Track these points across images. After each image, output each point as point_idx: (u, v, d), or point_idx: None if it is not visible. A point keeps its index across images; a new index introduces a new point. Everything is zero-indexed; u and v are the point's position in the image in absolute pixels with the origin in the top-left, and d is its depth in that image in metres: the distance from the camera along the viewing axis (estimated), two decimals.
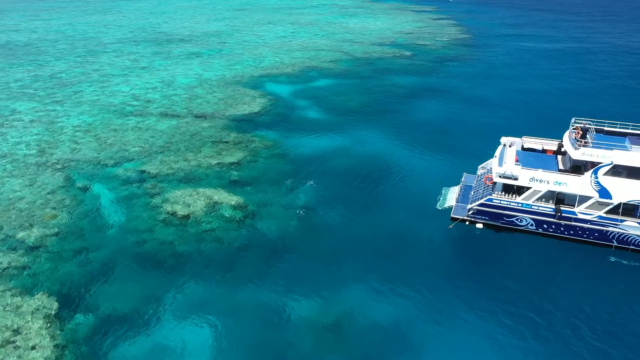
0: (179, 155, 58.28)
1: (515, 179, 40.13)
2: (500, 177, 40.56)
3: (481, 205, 41.24)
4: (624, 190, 37.67)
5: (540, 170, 40.16)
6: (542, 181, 39.46)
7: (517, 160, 42.01)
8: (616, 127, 43.32)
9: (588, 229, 39.01)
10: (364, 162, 58.42)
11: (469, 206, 41.85)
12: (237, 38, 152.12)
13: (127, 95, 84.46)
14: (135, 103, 79.61)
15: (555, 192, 39.46)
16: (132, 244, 41.56)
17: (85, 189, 50.05)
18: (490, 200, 40.95)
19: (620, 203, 37.86)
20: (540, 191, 39.62)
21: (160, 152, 59.15)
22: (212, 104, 79.34)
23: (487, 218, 41.64)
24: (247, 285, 37.29)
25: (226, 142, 63.19)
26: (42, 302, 33.89)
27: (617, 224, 38.16)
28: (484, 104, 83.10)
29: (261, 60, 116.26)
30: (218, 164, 56.32)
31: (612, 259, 38.49)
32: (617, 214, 38.11)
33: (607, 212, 38.32)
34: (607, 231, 38.60)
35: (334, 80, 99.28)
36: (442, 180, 51.96)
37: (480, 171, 49.96)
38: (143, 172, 53.86)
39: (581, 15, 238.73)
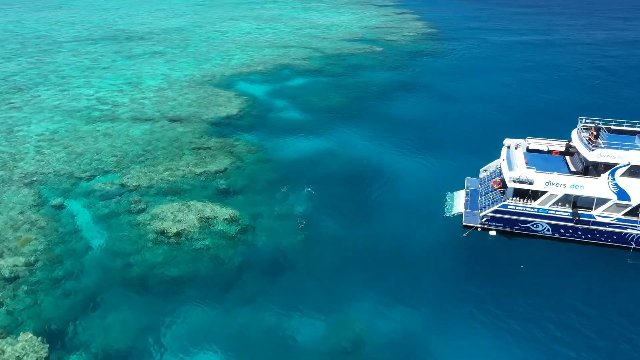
0: (159, 165, 53.98)
1: (531, 183, 38.42)
2: (514, 181, 38.74)
3: (495, 211, 39.36)
4: None
5: (555, 173, 38.59)
6: (558, 185, 37.88)
7: (526, 164, 40.33)
8: (623, 126, 42.32)
9: (607, 232, 37.77)
10: (355, 165, 55.76)
11: (482, 213, 39.89)
12: (201, 35, 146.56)
13: (92, 98, 78.71)
14: (102, 107, 74.14)
15: (572, 195, 37.97)
16: (119, 269, 37.50)
17: (59, 207, 45.26)
18: (505, 206, 39.11)
19: (639, 204, 36.76)
20: (557, 195, 38.06)
21: (138, 162, 54.62)
22: (185, 107, 74.82)
23: (501, 225, 39.83)
24: (249, 307, 34.10)
25: (208, 147, 59.21)
26: (28, 345, 29.60)
27: (636, 226, 37.05)
28: (465, 100, 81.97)
29: (230, 58, 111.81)
30: (203, 172, 52.43)
31: (631, 261, 37.37)
32: (636, 215, 37.00)
33: (625, 214, 37.15)
34: (626, 233, 37.47)
35: (309, 79, 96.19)
36: (442, 184, 49.84)
37: (482, 174, 48.16)
38: (122, 185, 49.38)
39: (540, 8, 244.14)
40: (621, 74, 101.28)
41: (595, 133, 39.03)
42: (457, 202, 44.49)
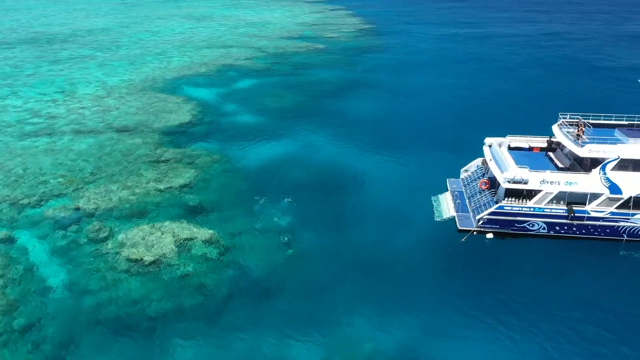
0: (116, 183, 48.70)
1: (525, 183, 37.73)
2: (509, 182, 37.89)
3: (492, 213, 38.36)
4: (633, 184, 36.90)
5: (548, 171, 38.17)
6: (553, 183, 37.45)
7: (515, 163, 39.69)
8: (600, 119, 42.80)
9: (600, 226, 37.85)
10: (327, 171, 53.11)
11: (479, 216, 38.77)
12: (130, 36, 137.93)
13: (21, 110, 70.71)
14: (35, 120, 66.65)
15: (566, 192, 37.68)
16: (91, 310, 32.68)
17: (6, 242, 39.25)
18: (502, 207, 38.21)
19: (631, 197, 37.07)
20: (552, 193, 37.62)
21: (91, 181, 49.02)
22: (131, 115, 68.93)
23: (497, 226, 38.91)
24: (242, 338, 30.85)
25: (166, 160, 54.40)
26: None
27: (628, 219, 37.39)
28: (421, 96, 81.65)
29: (168, 61, 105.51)
30: (167, 188, 47.86)
31: (625, 253, 37.66)
32: (628, 208, 37.31)
33: (618, 208, 37.38)
34: (619, 226, 37.74)
35: (257, 80, 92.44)
36: (422, 186, 48.31)
37: (463, 174, 47.35)
38: (77, 209, 43.89)
39: (465, 2, 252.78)
40: (559, 64, 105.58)
41: (583, 129, 39.00)
42: (446, 206, 43.20)
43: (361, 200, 46.70)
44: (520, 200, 38.55)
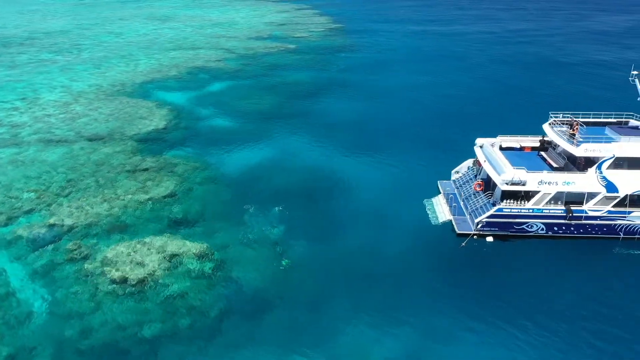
0: (93, 195, 45.87)
1: (523, 184, 37.23)
2: (507, 184, 37.31)
3: (491, 216, 37.70)
4: (629, 182, 36.93)
5: (544, 171, 37.78)
6: (550, 183, 37.08)
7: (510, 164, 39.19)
8: (589, 118, 42.82)
9: (597, 225, 37.74)
10: (313, 176, 51.47)
11: (477, 219, 38.04)
12: (92, 38, 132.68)
13: None
14: None
15: (564, 192, 37.38)
16: (77, 337, 30.30)
17: None
18: (501, 210, 37.59)
19: (627, 195, 37.07)
20: (550, 194, 37.25)
21: (65, 195, 46.01)
22: (102, 123, 65.59)
23: (496, 229, 38.29)
24: (238, 355, 29.29)
25: (145, 169, 51.74)
26: None
27: (625, 216, 37.39)
28: (398, 95, 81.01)
29: (135, 64, 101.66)
30: (148, 200, 45.36)
31: (623, 250, 37.64)
32: (624, 206, 37.32)
33: (614, 206, 37.33)
34: (615, 224, 37.71)
35: (229, 82, 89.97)
36: (413, 189, 47.39)
37: (454, 176, 46.70)
38: (52, 225, 40.98)
39: (425, 1, 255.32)
40: (529, 61, 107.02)
41: (578, 128, 38.79)
42: (441, 209, 42.36)
43: (352, 205, 45.39)
44: (518, 202, 38.03)
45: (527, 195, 37.88)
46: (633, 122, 41.89)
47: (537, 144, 43.82)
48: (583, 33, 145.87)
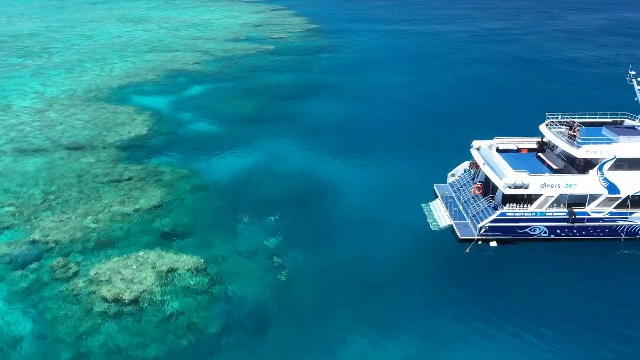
0: (75, 209, 43.54)
1: (526, 187, 36.63)
2: (509, 188, 36.65)
3: (494, 220, 37.00)
4: (630, 183, 36.71)
5: (546, 174, 37.28)
6: (553, 186, 36.58)
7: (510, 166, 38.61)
8: (585, 118, 42.59)
9: (600, 227, 37.43)
10: (305, 181, 49.99)
11: (480, 224, 37.28)
12: (63, 41, 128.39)
13: None
14: None
15: (566, 195, 36.93)
16: None
17: None
18: (504, 214, 36.92)
19: (628, 196, 36.85)
20: (553, 196, 36.75)
21: (45, 209, 43.55)
22: (80, 130, 62.87)
23: (499, 233, 37.62)
24: None
25: (129, 179, 49.56)
26: None
27: (626, 217, 37.17)
28: (383, 96, 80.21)
29: (110, 67, 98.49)
30: (135, 212, 43.30)
31: (626, 251, 37.45)
32: (626, 207, 37.09)
33: (616, 207, 37.07)
34: (617, 226, 37.48)
35: (209, 85, 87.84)
36: (409, 193, 46.40)
37: (450, 179, 45.98)
38: (34, 242, 38.63)
39: (390, 0, 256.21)
40: (508, 61, 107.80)
41: (578, 129, 38.42)
42: (440, 214, 41.50)
43: (347, 211, 44.17)
44: (521, 205, 37.44)
45: (530, 199, 37.32)
46: (628, 122, 41.83)
47: (534, 146, 43.42)
48: (557, 32, 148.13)
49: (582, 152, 36.74)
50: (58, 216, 42.11)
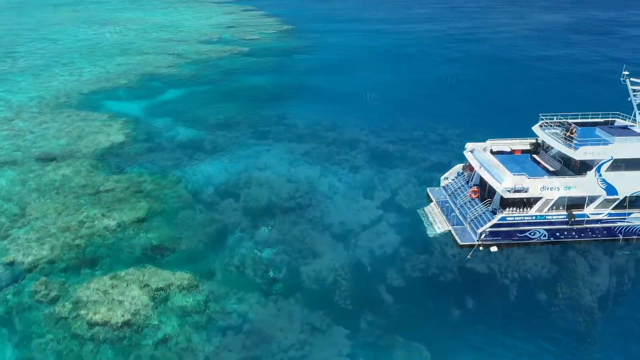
0: (54, 224, 40.95)
1: (526, 191, 36.04)
2: (509, 191, 35.98)
3: (494, 225, 36.30)
4: (627, 184, 36.57)
5: (545, 177, 36.79)
6: (552, 188, 36.11)
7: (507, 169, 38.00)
8: (577, 119, 42.36)
9: (598, 228, 37.17)
10: (293, 189, 48.10)
11: (480, 229, 36.54)
12: (27, 45, 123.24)
13: None
14: None
15: (565, 197, 36.52)
16: None
17: None
18: (504, 218, 36.25)
19: (626, 197, 36.70)
20: (552, 199, 36.28)
21: (20, 225, 40.82)
22: (53, 139, 59.76)
23: (499, 238, 36.95)
24: None
25: (109, 190, 47.09)
26: None
27: (624, 218, 37.02)
28: (365, 97, 79.22)
29: (79, 72, 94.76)
30: (118, 226, 41.03)
31: (624, 251, 37.29)
32: (624, 207, 36.94)
33: (614, 208, 36.87)
34: (615, 227, 37.30)
35: (185, 89, 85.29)
36: (400, 198, 45.51)
37: (444, 182, 45.21)
38: (11, 263, 36.04)
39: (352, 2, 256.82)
40: (487, 59, 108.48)
41: (574, 130, 38.04)
42: (437, 219, 40.60)
43: (339, 219, 42.80)
44: (520, 209, 36.84)
45: (529, 202, 36.76)
46: (619, 122, 41.77)
47: (527, 147, 43.00)
48: (528, 30, 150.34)
49: (579, 154, 36.36)
50: (34, 234, 39.46)
